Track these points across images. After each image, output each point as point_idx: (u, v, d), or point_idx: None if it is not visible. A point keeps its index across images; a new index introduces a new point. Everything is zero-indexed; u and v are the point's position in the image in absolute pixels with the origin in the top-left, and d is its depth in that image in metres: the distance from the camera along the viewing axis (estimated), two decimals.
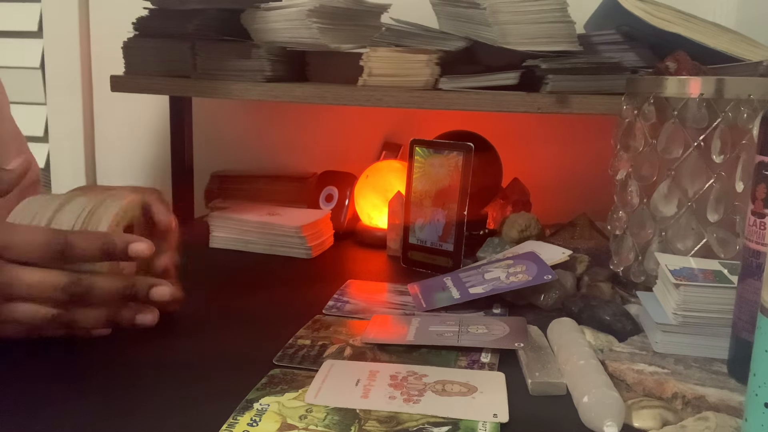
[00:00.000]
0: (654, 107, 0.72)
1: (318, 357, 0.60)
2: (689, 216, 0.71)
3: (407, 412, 0.50)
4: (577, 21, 0.88)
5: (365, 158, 1.22)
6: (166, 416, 0.49)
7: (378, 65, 0.92)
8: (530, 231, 0.93)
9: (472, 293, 0.74)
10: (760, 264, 0.53)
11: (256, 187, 1.20)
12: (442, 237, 0.89)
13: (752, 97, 0.67)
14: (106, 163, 1.36)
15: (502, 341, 0.62)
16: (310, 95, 0.95)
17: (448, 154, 0.89)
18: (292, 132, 1.29)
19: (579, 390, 0.52)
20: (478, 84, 0.89)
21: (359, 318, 0.70)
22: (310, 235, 0.95)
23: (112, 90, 1.04)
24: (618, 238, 0.78)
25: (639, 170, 0.74)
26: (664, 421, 0.49)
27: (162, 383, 0.55)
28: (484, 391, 0.54)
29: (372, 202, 1.05)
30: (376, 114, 1.20)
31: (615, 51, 0.92)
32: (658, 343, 0.61)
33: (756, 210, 0.53)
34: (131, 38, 1.04)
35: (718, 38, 0.85)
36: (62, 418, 0.49)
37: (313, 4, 0.92)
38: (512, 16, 0.85)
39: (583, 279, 0.80)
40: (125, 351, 0.61)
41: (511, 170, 1.10)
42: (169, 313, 0.66)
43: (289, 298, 0.78)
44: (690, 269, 0.63)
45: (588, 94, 0.86)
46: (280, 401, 0.51)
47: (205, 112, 1.26)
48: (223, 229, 0.98)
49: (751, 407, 0.44)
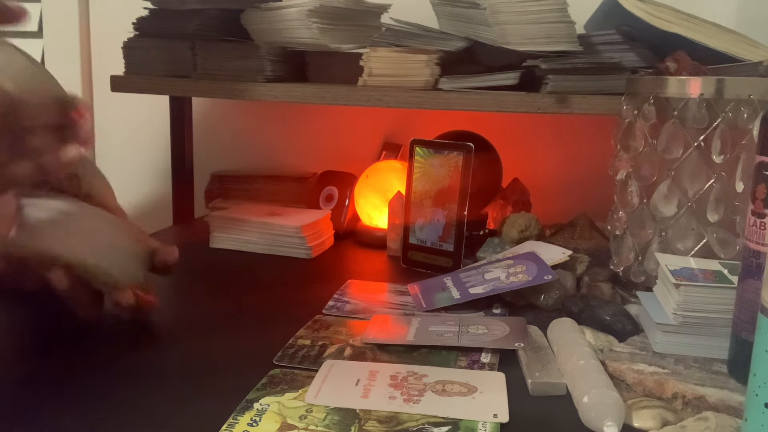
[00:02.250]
0: (654, 107, 0.72)
1: (318, 357, 0.60)
2: (689, 216, 0.71)
3: (407, 412, 0.50)
4: (577, 21, 0.88)
5: (365, 158, 1.22)
6: (167, 416, 0.49)
7: (378, 65, 0.92)
8: (530, 231, 0.93)
9: (472, 293, 0.74)
10: (760, 264, 0.53)
11: (256, 187, 1.21)
12: (442, 237, 0.89)
13: (752, 97, 0.67)
14: (106, 163, 1.36)
15: (502, 341, 0.62)
16: (310, 95, 0.95)
17: (448, 154, 0.89)
18: (292, 132, 1.29)
19: (579, 390, 0.52)
20: (478, 84, 0.89)
21: (359, 318, 0.70)
22: (310, 235, 0.95)
23: (112, 90, 1.04)
24: (618, 238, 0.78)
25: (639, 170, 0.74)
26: (664, 421, 0.49)
27: (162, 383, 0.55)
28: (484, 391, 0.54)
29: (372, 202, 1.05)
30: (376, 114, 1.20)
31: (615, 51, 0.92)
32: (658, 343, 0.61)
33: (756, 210, 0.53)
34: (131, 38, 1.04)
35: (718, 38, 0.85)
36: (62, 417, 0.48)
37: (313, 4, 0.92)
38: (512, 16, 0.85)
39: (583, 279, 0.80)
40: (125, 351, 0.61)
41: (511, 170, 1.10)
42: (145, 313, 0.66)
43: (289, 298, 0.78)
44: (690, 269, 0.63)
45: (588, 94, 0.86)
46: (280, 401, 0.51)
47: (205, 112, 1.26)
48: (223, 229, 0.98)
49: (751, 407, 0.44)
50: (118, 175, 1.34)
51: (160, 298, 0.72)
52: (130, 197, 1.35)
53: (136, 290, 0.65)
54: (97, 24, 1.32)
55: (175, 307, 0.74)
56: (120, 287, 0.63)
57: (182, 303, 0.76)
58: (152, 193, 1.34)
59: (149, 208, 1.34)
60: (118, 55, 1.04)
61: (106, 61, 1.31)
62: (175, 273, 0.69)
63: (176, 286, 0.83)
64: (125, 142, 1.34)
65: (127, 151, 1.35)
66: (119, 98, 1.12)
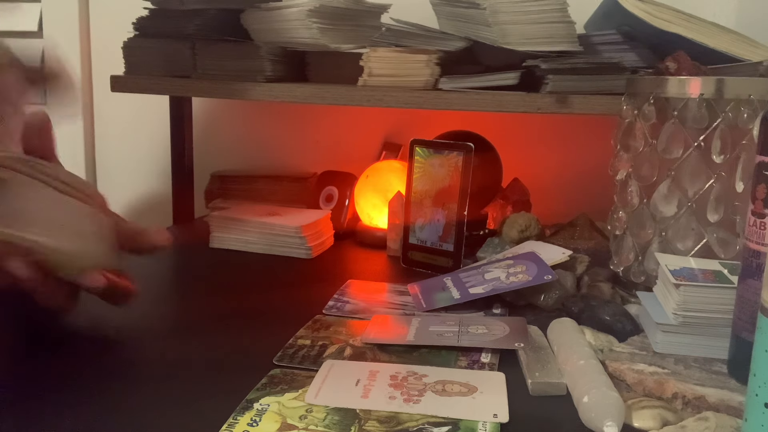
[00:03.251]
0: (654, 107, 0.72)
1: (318, 357, 0.60)
2: (689, 216, 0.71)
3: (407, 412, 0.50)
4: (577, 21, 0.88)
5: (365, 158, 1.22)
6: (167, 416, 0.49)
7: (378, 65, 0.92)
8: (530, 231, 0.93)
9: (472, 293, 0.74)
10: (760, 264, 0.53)
11: (256, 187, 1.20)
12: (442, 237, 0.89)
13: (752, 97, 0.67)
14: (106, 163, 1.36)
15: (502, 341, 0.62)
16: (310, 95, 0.95)
17: (448, 154, 0.89)
18: (292, 132, 1.29)
19: (579, 390, 0.52)
20: (478, 84, 0.89)
21: (359, 318, 0.70)
22: (310, 235, 0.95)
23: (112, 90, 1.04)
24: (618, 238, 0.78)
25: (639, 170, 0.74)
26: (664, 421, 0.49)
27: (162, 383, 0.55)
28: (484, 391, 0.54)
29: (372, 202, 1.05)
30: (376, 114, 1.20)
31: (615, 51, 0.92)
32: (658, 343, 0.61)
33: (756, 210, 0.53)
34: (131, 38, 1.04)
35: (718, 38, 0.85)
36: (63, 417, 0.48)
37: (313, 4, 0.92)
38: (512, 16, 0.85)
39: (583, 279, 0.80)
40: (126, 351, 0.61)
41: (511, 170, 1.10)
42: (123, 299, 0.64)
43: (289, 298, 0.78)
44: (690, 269, 0.63)
45: (588, 94, 0.86)
46: (280, 401, 0.51)
47: (205, 112, 1.26)
48: (223, 229, 0.98)
49: (751, 407, 0.44)
50: (118, 176, 1.36)
51: (160, 298, 0.72)
52: (130, 197, 1.35)
53: (106, 274, 0.62)
54: (97, 24, 1.32)
55: (175, 307, 0.74)
56: (85, 270, 0.60)
57: (182, 303, 0.76)
58: (152, 193, 1.34)
59: (149, 208, 1.34)
60: (118, 55, 1.04)
61: (106, 61, 1.31)
62: (175, 273, 0.69)
63: (176, 286, 0.83)
64: (125, 142, 1.34)
65: (127, 152, 1.35)
66: (119, 98, 1.13)
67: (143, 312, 0.71)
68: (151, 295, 0.78)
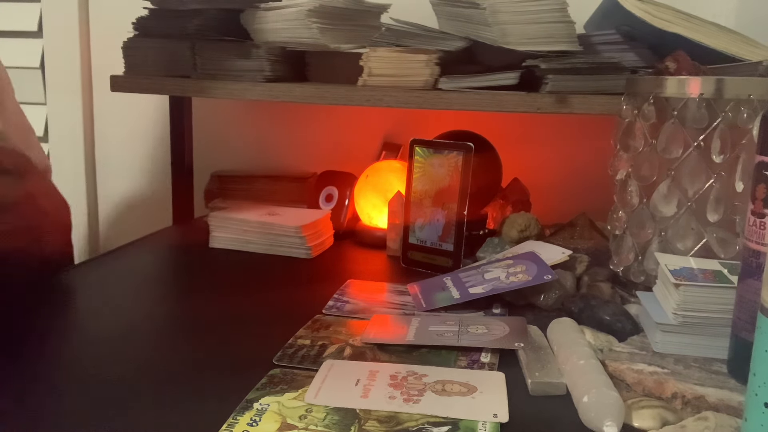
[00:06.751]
0: (654, 107, 0.72)
1: (318, 357, 0.60)
2: (689, 216, 0.71)
3: (407, 412, 0.50)
4: (577, 21, 0.88)
5: (365, 158, 1.22)
6: (167, 416, 0.49)
7: (378, 65, 0.92)
8: (530, 231, 0.93)
9: (472, 293, 0.74)
10: (760, 264, 0.53)
11: (256, 187, 1.21)
12: (442, 237, 0.89)
13: (752, 97, 0.67)
14: (106, 163, 1.36)
15: (502, 341, 0.62)
16: (310, 95, 0.95)
17: (448, 154, 0.89)
18: (292, 132, 1.29)
19: (579, 390, 0.52)
20: (478, 84, 0.89)
21: (359, 318, 0.70)
22: (310, 235, 0.95)
23: (112, 90, 1.04)
24: (618, 238, 0.78)
25: (639, 170, 0.74)
26: (663, 421, 0.49)
27: (162, 383, 0.55)
28: (484, 391, 0.54)
29: (372, 202, 1.05)
30: (376, 114, 1.20)
31: (615, 51, 0.92)
32: (657, 343, 0.61)
33: (756, 210, 0.53)
34: (131, 38, 1.04)
35: (718, 38, 0.85)
36: (62, 416, 0.49)
37: (313, 4, 0.92)
38: (512, 16, 0.85)
39: (583, 279, 0.80)
40: (125, 350, 0.61)
41: (511, 170, 1.10)
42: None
43: (289, 298, 0.78)
44: (690, 269, 0.63)
45: (588, 94, 0.86)
46: (280, 401, 0.51)
47: (205, 112, 1.26)
48: (223, 229, 0.98)
49: (751, 407, 0.44)
50: (118, 175, 1.36)
51: (160, 298, 0.72)
52: (130, 197, 1.35)
53: None
54: (97, 24, 1.32)
55: (174, 307, 0.74)
56: None
57: (182, 303, 0.76)
58: (152, 192, 1.34)
59: (149, 208, 1.34)
60: (118, 55, 1.04)
61: (106, 61, 1.31)
62: (175, 273, 0.69)
63: (176, 286, 0.83)
64: (125, 142, 1.34)
65: (127, 151, 1.35)
66: (119, 98, 1.12)
67: (143, 312, 0.71)
68: (151, 295, 0.78)
